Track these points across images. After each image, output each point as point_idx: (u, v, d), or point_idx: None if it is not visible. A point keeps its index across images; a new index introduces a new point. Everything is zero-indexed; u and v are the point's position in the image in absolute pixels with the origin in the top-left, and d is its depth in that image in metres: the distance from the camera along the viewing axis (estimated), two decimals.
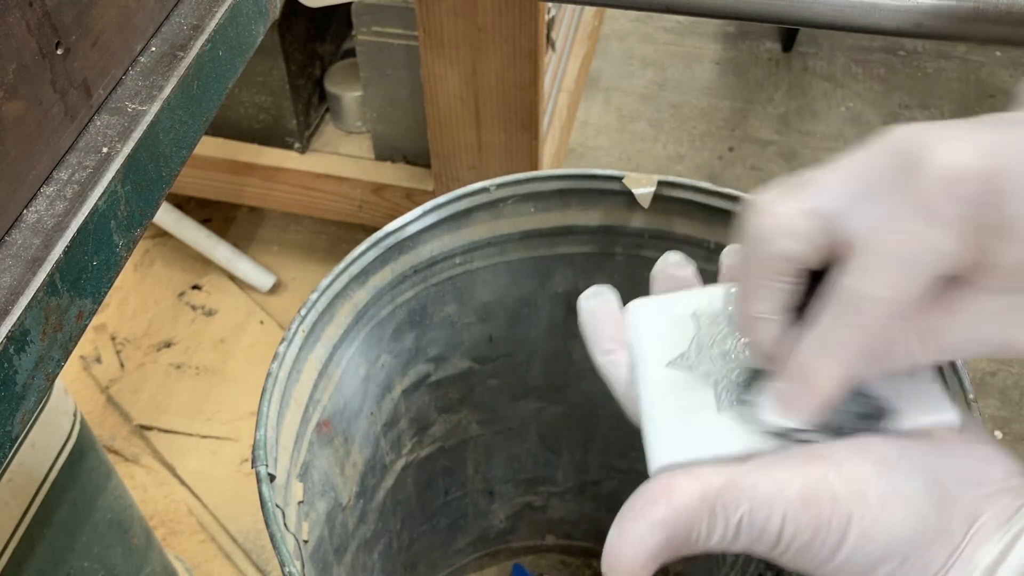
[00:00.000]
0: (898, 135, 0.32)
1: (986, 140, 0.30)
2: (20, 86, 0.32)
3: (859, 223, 0.31)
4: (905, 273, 0.31)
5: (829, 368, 0.33)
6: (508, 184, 0.65)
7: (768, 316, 0.34)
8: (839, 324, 0.32)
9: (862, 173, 0.32)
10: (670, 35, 1.72)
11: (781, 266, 0.33)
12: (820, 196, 0.32)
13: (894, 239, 0.31)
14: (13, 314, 0.30)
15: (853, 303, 0.31)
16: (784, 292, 0.34)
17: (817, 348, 0.33)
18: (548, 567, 1.00)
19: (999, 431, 1.17)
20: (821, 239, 0.32)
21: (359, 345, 0.65)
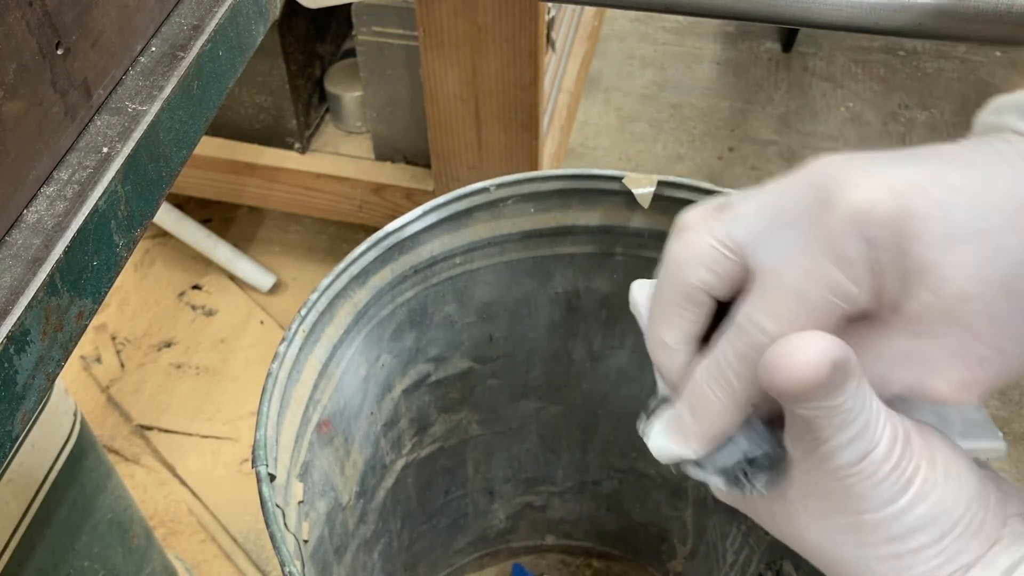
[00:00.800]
0: (818, 167, 0.31)
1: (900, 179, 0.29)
2: (20, 86, 0.32)
3: (765, 255, 0.31)
4: (802, 309, 0.30)
5: (717, 396, 0.32)
6: (508, 184, 0.65)
7: (674, 344, 0.34)
8: (731, 352, 0.31)
9: (777, 204, 0.31)
10: (670, 35, 1.72)
11: (689, 293, 0.33)
12: (733, 225, 0.32)
13: (794, 274, 0.30)
14: (13, 314, 0.30)
15: (746, 333, 0.31)
16: (691, 321, 0.33)
17: (707, 375, 0.32)
18: (548, 567, 1.00)
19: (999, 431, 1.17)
20: (730, 270, 0.32)
21: (359, 345, 0.65)
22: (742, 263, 0.32)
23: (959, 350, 0.30)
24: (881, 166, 0.30)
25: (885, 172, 0.30)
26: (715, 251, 0.32)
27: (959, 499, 0.31)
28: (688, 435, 0.33)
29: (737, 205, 0.33)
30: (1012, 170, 0.30)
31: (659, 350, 0.34)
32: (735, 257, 0.32)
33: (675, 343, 0.33)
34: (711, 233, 0.32)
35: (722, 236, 0.32)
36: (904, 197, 0.29)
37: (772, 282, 0.30)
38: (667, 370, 0.34)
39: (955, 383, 0.31)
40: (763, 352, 0.29)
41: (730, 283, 0.32)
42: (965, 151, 0.31)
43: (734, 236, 0.32)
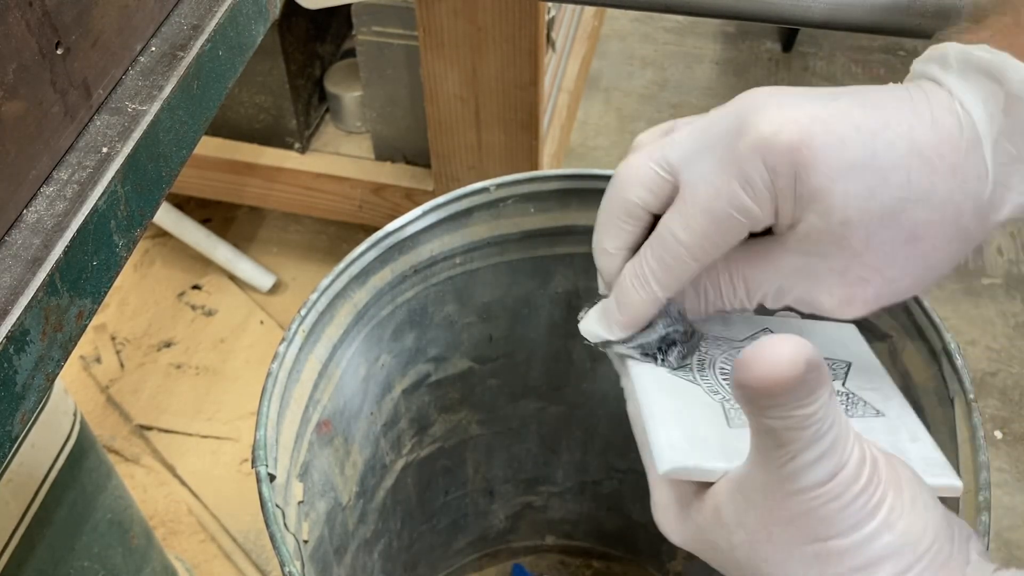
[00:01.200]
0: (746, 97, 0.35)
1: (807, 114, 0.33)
2: (20, 86, 0.32)
3: (688, 174, 0.35)
4: (710, 222, 0.34)
5: (637, 291, 0.37)
6: (508, 184, 0.65)
7: (613, 250, 0.39)
8: (650, 256, 0.36)
9: (707, 129, 0.35)
10: (670, 35, 1.71)
11: (629, 208, 0.37)
12: (670, 148, 0.36)
13: (705, 191, 0.34)
14: (13, 314, 0.30)
15: (664, 240, 0.36)
16: (629, 232, 0.38)
17: (631, 273, 0.37)
18: (548, 567, 1.00)
19: (999, 431, 1.17)
20: (665, 188, 0.36)
21: (359, 345, 0.65)
22: (674, 183, 0.36)
23: (842, 269, 0.34)
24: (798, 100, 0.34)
25: (797, 106, 0.33)
26: (652, 171, 0.36)
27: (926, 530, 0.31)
28: (612, 321, 0.39)
29: (678, 129, 0.37)
30: (913, 114, 0.33)
31: (600, 255, 0.40)
32: (669, 177, 0.36)
33: (614, 250, 0.39)
34: (651, 156, 0.37)
35: (659, 158, 0.36)
36: (805, 130, 0.32)
37: (688, 197, 0.35)
38: (606, 272, 0.40)
39: (838, 298, 0.35)
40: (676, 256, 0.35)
41: (666, 200, 0.37)
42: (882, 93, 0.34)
43: (669, 158, 0.36)
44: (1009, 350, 1.24)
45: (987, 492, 0.47)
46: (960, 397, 0.52)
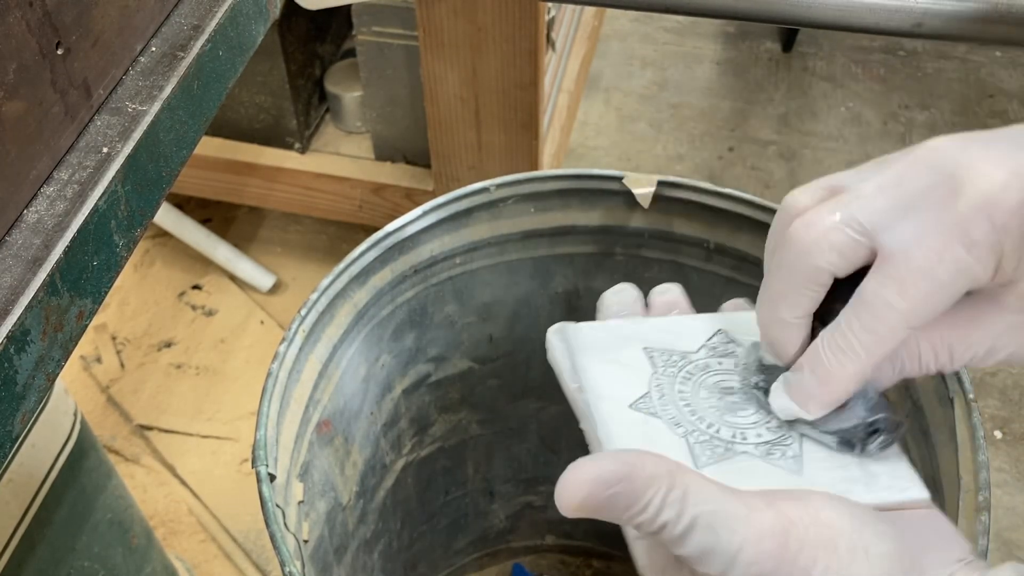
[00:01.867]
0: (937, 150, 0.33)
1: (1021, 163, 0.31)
2: (20, 86, 0.32)
3: (893, 237, 0.33)
4: (931, 287, 0.32)
5: (841, 364, 0.34)
6: (508, 184, 0.65)
7: (794, 320, 0.36)
8: (857, 325, 0.33)
9: (901, 187, 0.33)
10: (670, 35, 1.72)
11: (817, 276, 0.34)
12: (859, 208, 0.33)
13: (924, 255, 0.32)
14: (13, 314, 0.30)
15: (874, 308, 0.33)
16: (812, 299, 0.35)
17: (832, 344, 0.34)
18: (548, 567, 1.00)
19: (999, 431, 1.17)
20: (856, 252, 0.34)
21: (359, 345, 0.65)
22: (869, 245, 0.33)
23: None
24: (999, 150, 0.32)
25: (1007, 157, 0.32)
26: (844, 234, 0.33)
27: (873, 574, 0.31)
28: (808, 397, 0.35)
29: (854, 187, 0.34)
30: None
31: (777, 326, 0.36)
32: (863, 239, 0.33)
33: (794, 320, 0.36)
34: (836, 216, 0.34)
35: (848, 219, 0.33)
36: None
37: (902, 262, 0.32)
38: (784, 343, 0.36)
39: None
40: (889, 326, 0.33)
41: (853, 263, 0.34)
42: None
43: (860, 219, 0.33)
44: None
45: (987, 492, 0.47)
46: (960, 397, 0.52)
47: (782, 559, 0.30)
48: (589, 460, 0.31)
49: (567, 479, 0.31)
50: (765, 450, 0.36)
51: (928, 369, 0.36)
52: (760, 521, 0.31)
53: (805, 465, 0.36)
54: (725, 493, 0.31)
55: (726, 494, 0.31)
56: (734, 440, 0.37)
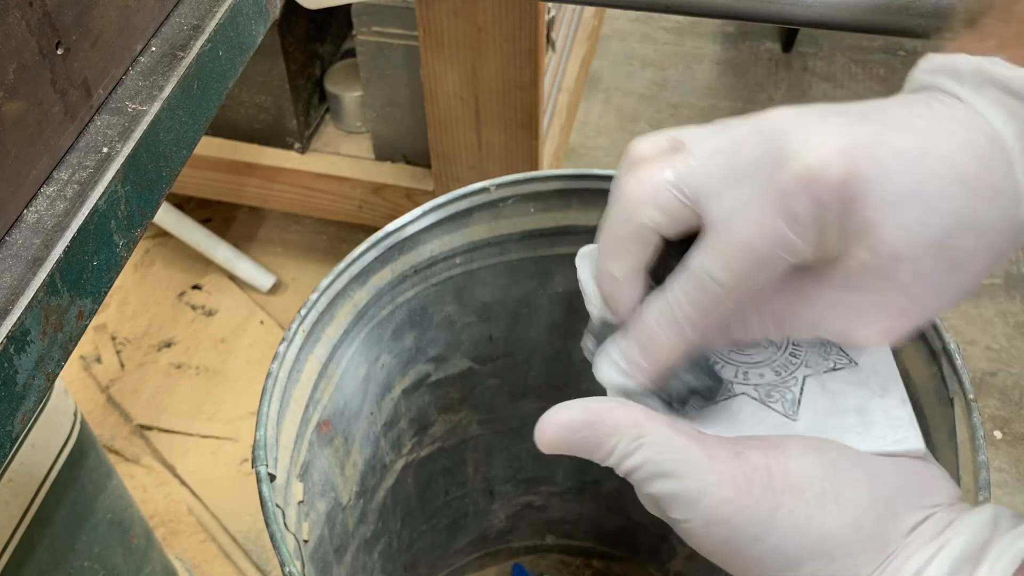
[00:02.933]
0: (772, 121, 0.32)
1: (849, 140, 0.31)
2: (20, 86, 0.32)
3: (719, 207, 0.32)
4: (751, 262, 0.32)
5: (668, 337, 0.34)
6: (508, 184, 0.65)
7: (623, 277, 0.35)
8: (684, 298, 0.33)
9: (732, 154, 0.33)
10: (670, 35, 1.72)
11: (641, 232, 0.34)
12: (690, 170, 0.33)
13: (745, 228, 0.32)
14: (13, 314, 0.30)
15: (700, 281, 0.33)
16: (639, 256, 0.34)
17: (660, 316, 0.34)
18: (548, 567, 1.00)
19: (999, 431, 1.17)
20: (683, 213, 0.33)
21: (359, 345, 0.65)
22: (695, 209, 0.33)
23: (886, 303, 0.33)
24: (831, 125, 0.31)
25: (835, 133, 0.31)
26: (670, 194, 0.33)
27: (839, 521, 0.31)
28: (636, 369, 0.35)
29: (691, 146, 0.34)
30: (948, 136, 0.31)
31: (608, 281, 0.36)
32: (689, 202, 0.33)
33: (623, 276, 0.35)
34: (665, 176, 0.33)
35: (677, 180, 0.33)
36: (852, 160, 0.30)
37: (724, 234, 0.32)
38: (615, 301, 0.36)
39: (877, 331, 0.34)
40: (714, 298, 0.33)
41: (681, 224, 0.34)
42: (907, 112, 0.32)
43: (689, 182, 0.33)
44: (1009, 350, 1.24)
45: (987, 492, 0.48)
46: (960, 397, 0.52)
47: (743, 505, 0.31)
48: (563, 406, 0.33)
49: (541, 421, 0.33)
50: (765, 392, 0.36)
51: (754, 337, 0.36)
52: (722, 468, 0.31)
53: (802, 410, 0.36)
54: (690, 441, 0.32)
55: (691, 442, 0.32)
56: (735, 379, 0.37)
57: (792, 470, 0.32)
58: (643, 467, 0.32)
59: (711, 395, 0.36)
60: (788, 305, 0.34)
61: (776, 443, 0.33)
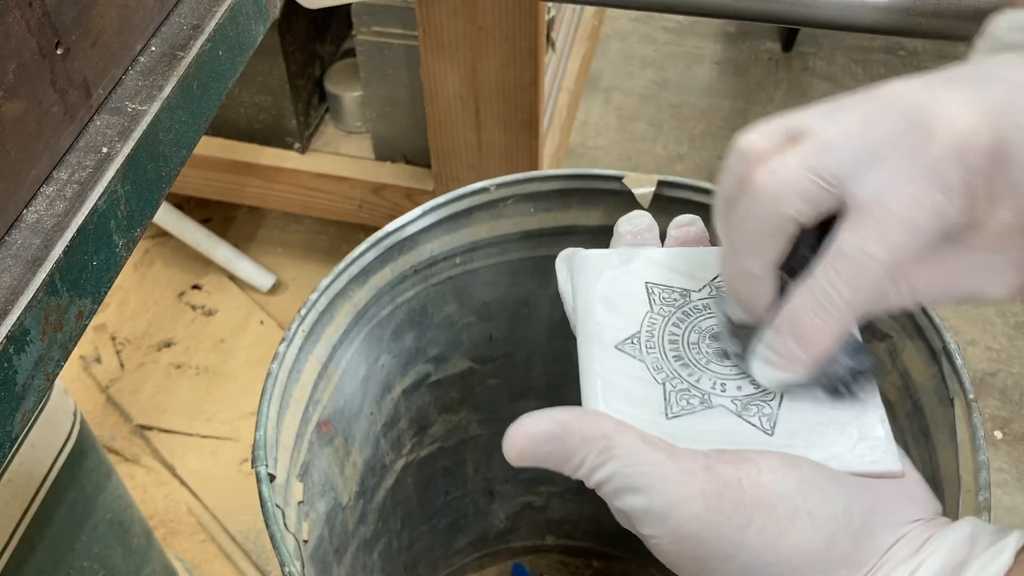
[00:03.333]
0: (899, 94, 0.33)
1: (988, 106, 0.31)
2: (20, 86, 0.32)
3: (864, 186, 0.32)
4: (907, 234, 0.32)
5: (824, 322, 0.33)
6: (508, 184, 0.65)
7: (762, 273, 0.34)
8: (836, 279, 0.32)
9: (869, 133, 0.32)
10: (670, 35, 1.71)
11: (785, 225, 0.33)
12: (827, 155, 0.32)
13: (900, 202, 0.31)
14: (13, 314, 0.30)
15: (854, 261, 0.32)
16: (779, 250, 0.34)
17: (812, 303, 0.33)
18: (548, 567, 1.00)
19: (999, 431, 1.17)
20: (824, 199, 0.33)
21: (359, 345, 0.65)
22: (837, 193, 0.32)
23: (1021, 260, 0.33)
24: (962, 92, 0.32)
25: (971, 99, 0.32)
26: (811, 182, 0.32)
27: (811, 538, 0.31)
28: (794, 361, 0.34)
29: (817, 132, 0.33)
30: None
31: (743, 280, 0.35)
32: (832, 188, 0.32)
33: (762, 271, 0.34)
34: (804, 163, 0.32)
35: (817, 166, 0.32)
36: (998, 125, 0.31)
37: (879, 210, 0.32)
38: (752, 297, 0.35)
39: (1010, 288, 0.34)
40: (872, 276, 0.32)
41: (822, 212, 0.33)
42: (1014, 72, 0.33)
43: (829, 167, 0.32)
44: (1009, 350, 1.24)
45: (987, 492, 0.47)
46: (960, 397, 0.52)
47: (712, 521, 0.31)
48: (531, 415, 0.33)
49: (508, 433, 0.33)
50: (742, 405, 0.36)
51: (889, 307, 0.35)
52: (691, 483, 0.31)
53: (779, 426, 0.35)
54: (660, 455, 0.31)
55: (661, 456, 0.31)
56: (713, 390, 0.36)
57: (764, 485, 0.31)
58: (611, 480, 0.31)
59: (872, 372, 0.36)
60: (927, 272, 0.34)
61: (749, 457, 0.32)
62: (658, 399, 0.36)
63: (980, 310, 1.28)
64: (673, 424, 0.35)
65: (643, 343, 0.38)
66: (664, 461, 0.31)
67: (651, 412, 0.36)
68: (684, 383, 0.37)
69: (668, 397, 0.36)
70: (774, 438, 0.35)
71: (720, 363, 0.37)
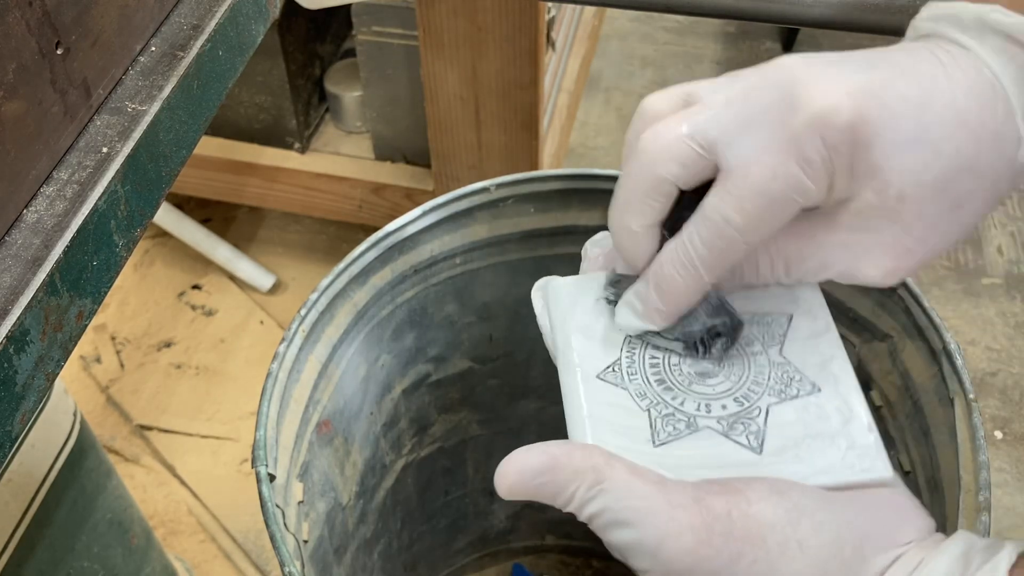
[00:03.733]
0: (783, 68, 0.33)
1: (858, 84, 0.32)
2: (20, 86, 0.32)
3: (733, 152, 0.33)
4: (766, 204, 0.33)
5: (683, 277, 0.35)
6: (508, 184, 0.65)
7: (640, 229, 0.36)
8: (697, 240, 0.34)
9: (746, 102, 0.33)
10: (670, 35, 1.72)
11: (660, 186, 0.35)
12: (704, 121, 0.34)
13: (759, 171, 0.32)
14: (13, 314, 0.30)
15: (714, 224, 0.33)
16: (657, 209, 0.35)
17: (674, 259, 0.35)
18: (548, 567, 1.00)
19: (999, 431, 1.17)
20: (700, 164, 0.34)
21: (359, 345, 0.65)
22: (711, 158, 0.34)
23: (891, 242, 0.34)
24: (839, 71, 0.33)
25: (844, 79, 0.32)
26: (687, 147, 0.34)
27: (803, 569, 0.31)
28: (653, 311, 0.36)
29: (704, 98, 0.35)
30: (949, 82, 0.32)
31: (624, 234, 0.37)
32: (706, 153, 0.34)
33: (641, 228, 0.36)
34: (683, 128, 0.34)
35: (693, 131, 0.34)
36: (861, 104, 0.32)
37: (739, 178, 0.33)
38: (632, 253, 0.37)
39: (883, 270, 0.35)
40: (729, 240, 0.33)
41: (697, 175, 0.34)
42: (912, 59, 0.33)
43: (705, 133, 0.34)
44: (1009, 350, 1.24)
45: (987, 492, 0.47)
46: (960, 397, 0.52)
47: (703, 555, 0.31)
48: (522, 451, 0.33)
49: (500, 467, 0.33)
50: (728, 424, 0.36)
51: (765, 279, 0.37)
52: (681, 516, 0.31)
53: (767, 442, 0.35)
54: (650, 487, 0.32)
55: (650, 488, 0.32)
56: (698, 412, 0.36)
57: (753, 516, 0.31)
58: (602, 515, 0.32)
59: (732, 333, 0.37)
60: (798, 247, 0.35)
61: (738, 488, 0.32)
62: (644, 427, 0.36)
63: (980, 310, 1.28)
64: (661, 451, 0.35)
65: (624, 370, 0.38)
66: (654, 494, 0.31)
67: (638, 441, 0.35)
68: (668, 407, 0.37)
69: (654, 424, 0.36)
70: (763, 456, 0.35)
71: (703, 383, 0.38)
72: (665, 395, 0.37)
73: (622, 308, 0.38)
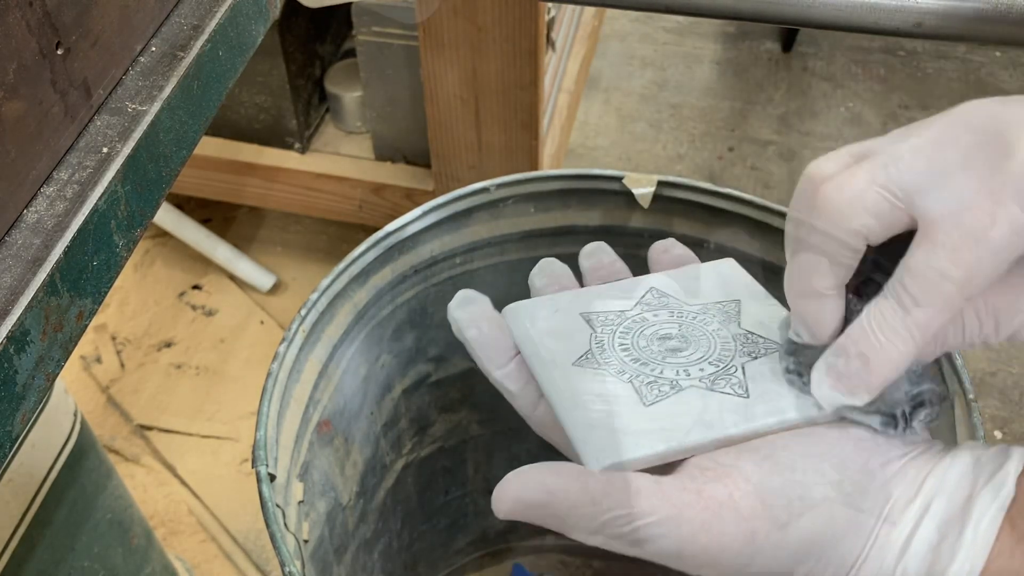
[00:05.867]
0: (975, 111, 0.31)
1: None
2: (20, 86, 0.32)
3: (938, 201, 0.30)
4: (988, 253, 0.30)
5: (896, 345, 0.32)
6: (508, 184, 0.65)
7: (828, 291, 0.33)
8: (909, 300, 0.31)
9: (940, 149, 0.31)
10: (670, 35, 1.72)
11: (854, 241, 0.32)
12: (895, 170, 0.31)
13: (975, 218, 0.30)
14: (13, 314, 0.30)
15: (926, 279, 0.31)
16: (846, 267, 0.33)
17: (882, 324, 0.32)
18: (548, 567, 1.00)
19: (999, 431, 1.17)
20: (893, 215, 0.31)
21: (359, 345, 0.65)
22: (907, 209, 0.31)
23: None
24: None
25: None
26: (880, 196, 0.31)
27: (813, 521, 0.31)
28: (858, 383, 0.33)
29: (883, 151, 0.32)
30: None
31: (808, 299, 0.34)
32: (900, 203, 0.31)
33: (828, 290, 0.33)
34: (872, 179, 0.31)
35: (884, 181, 0.31)
36: None
37: (952, 227, 0.30)
38: (817, 319, 0.34)
39: None
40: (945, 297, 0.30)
41: (890, 229, 0.32)
42: None
43: (897, 181, 0.31)
44: (1009, 350, 1.24)
45: None
46: (960, 397, 0.52)
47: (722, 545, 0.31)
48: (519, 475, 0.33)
49: (496, 492, 0.33)
50: (710, 381, 0.37)
51: (972, 340, 0.34)
52: (691, 517, 0.31)
53: (751, 387, 0.36)
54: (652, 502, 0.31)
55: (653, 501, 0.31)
56: (678, 377, 0.37)
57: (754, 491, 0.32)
58: (611, 544, 0.32)
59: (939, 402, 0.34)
60: (1008, 301, 0.33)
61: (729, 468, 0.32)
62: (630, 394, 0.36)
63: None
64: (652, 410, 0.36)
65: (597, 357, 0.39)
66: (658, 505, 0.31)
67: (627, 405, 0.36)
68: (649, 376, 0.37)
69: (640, 390, 0.37)
70: (751, 399, 0.35)
71: (676, 356, 0.38)
72: (643, 368, 0.38)
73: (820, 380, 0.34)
